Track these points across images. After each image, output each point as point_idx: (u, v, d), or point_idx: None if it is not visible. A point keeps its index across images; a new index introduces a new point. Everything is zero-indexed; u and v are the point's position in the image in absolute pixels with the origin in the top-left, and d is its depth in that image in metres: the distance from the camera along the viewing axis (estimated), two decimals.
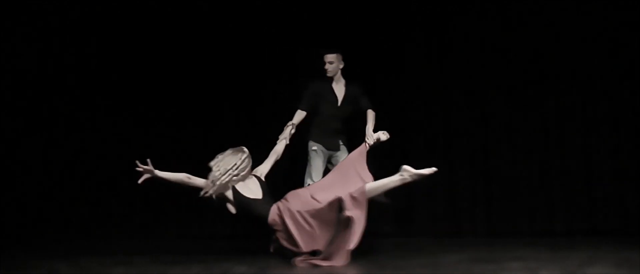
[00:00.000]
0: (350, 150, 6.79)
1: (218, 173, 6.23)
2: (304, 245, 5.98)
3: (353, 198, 5.84)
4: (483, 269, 5.30)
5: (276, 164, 6.59)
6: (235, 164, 6.26)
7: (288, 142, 6.68)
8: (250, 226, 7.32)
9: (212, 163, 6.28)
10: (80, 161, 8.50)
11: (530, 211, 8.11)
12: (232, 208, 6.26)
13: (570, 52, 8.12)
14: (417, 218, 8.28)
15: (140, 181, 6.27)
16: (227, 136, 7.89)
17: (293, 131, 6.75)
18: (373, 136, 6.50)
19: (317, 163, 6.85)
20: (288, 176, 7.13)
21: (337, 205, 5.85)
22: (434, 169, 5.89)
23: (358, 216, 5.82)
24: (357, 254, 6.26)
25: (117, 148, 8.37)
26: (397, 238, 7.89)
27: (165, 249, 7.20)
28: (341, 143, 6.93)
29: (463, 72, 8.30)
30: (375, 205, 6.37)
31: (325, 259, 5.86)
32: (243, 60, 8.48)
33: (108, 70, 8.54)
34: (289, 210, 6.04)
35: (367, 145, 6.45)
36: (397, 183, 5.98)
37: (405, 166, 5.93)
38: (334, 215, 5.87)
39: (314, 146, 6.91)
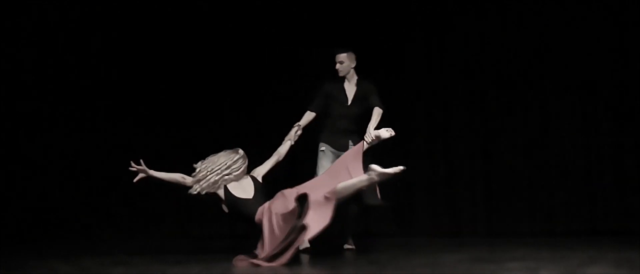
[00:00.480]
0: None
1: (201, 174, 6.30)
2: (268, 249, 5.96)
3: (326, 198, 5.84)
4: (483, 269, 5.30)
5: (278, 165, 6.58)
6: (225, 163, 6.31)
7: (293, 143, 6.66)
8: (244, 226, 7.34)
9: (197, 164, 6.35)
10: (81, 161, 8.50)
11: (530, 211, 8.12)
12: (225, 208, 6.33)
13: (571, 52, 8.12)
14: (417, 218, 8.28)
15: (135, 180, 6.34)
16: (227, 136, 7.89)
17: (299, 132, 6.71)
18: (371, 133, 6.38)
19: (324, 163, 6.82)
20: (290, 177, 7.11)
21: (298, 210, 5.84)
22: (400, 168, 5.82)
23: (321, 215, 5.81)
24: (357, 254, 6.26)
25: (117, 148, 8.37)
26: (397, 238, 7.89)
27: (165, 249, 7.20)
28: (351, 143, 6.85)
29: (463, 72, 8.30)
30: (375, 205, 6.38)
31: (267, 260, 5.86)
32: (243, 60, 8.48)
33: (108, 70, 8.54)
34: (269, 211, 6.05)
35: (365, 142, 6.35)
36: (365, 183, 5.93)
37: (372, 166, 5.88)
38: (294, 219, 5.86)
39: (322, 147, 6.88)
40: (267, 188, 6.33)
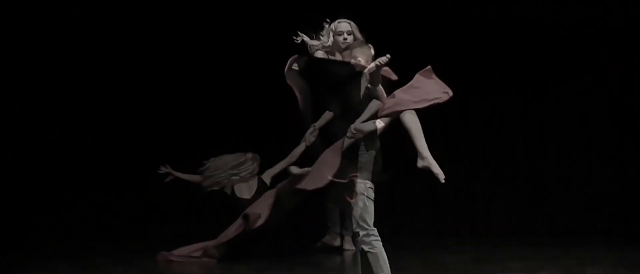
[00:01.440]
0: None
1: (209, 171, 6.66)
2: (216, 242, 6.28)
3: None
4: (483, 269, 5.31)
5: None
6: (232, 163, 6.48)
7: (308, 145, 6.58)
8: None
9: (208, 160, 6.70)
10: (80, 161, 8.48)
11: (531, 211, 8.12)
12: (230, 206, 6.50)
13: (571, 52, 8.12)
14: (417, 218, 8.28)
15: (167, 180, 6.81)
16: (228, 136, 7.89)
17: (315, 133, 6.59)
18: (351, 128, 6.09)
19: None
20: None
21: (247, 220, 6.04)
22: (306, 169, 5.79)
23: (259, 215, 6.05)
24: (357, 254, 6.24)
25: (117, 147, 8.36)
26: (397, 238, 7.89)
27: (165, 249, 7.19)
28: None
29: (463, 72, 8.28)
30: (376, 205, 6.35)
31: (198, 256, 6.10)
32: (243, 60, 8.47)
33: (109, 70, 8.53)
34: (249, 210, 6.20)
35: (345, 138, 6.11)
36: (291, 183, 5.97)
37: (290, 167, 5.99)
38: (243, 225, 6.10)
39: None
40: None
